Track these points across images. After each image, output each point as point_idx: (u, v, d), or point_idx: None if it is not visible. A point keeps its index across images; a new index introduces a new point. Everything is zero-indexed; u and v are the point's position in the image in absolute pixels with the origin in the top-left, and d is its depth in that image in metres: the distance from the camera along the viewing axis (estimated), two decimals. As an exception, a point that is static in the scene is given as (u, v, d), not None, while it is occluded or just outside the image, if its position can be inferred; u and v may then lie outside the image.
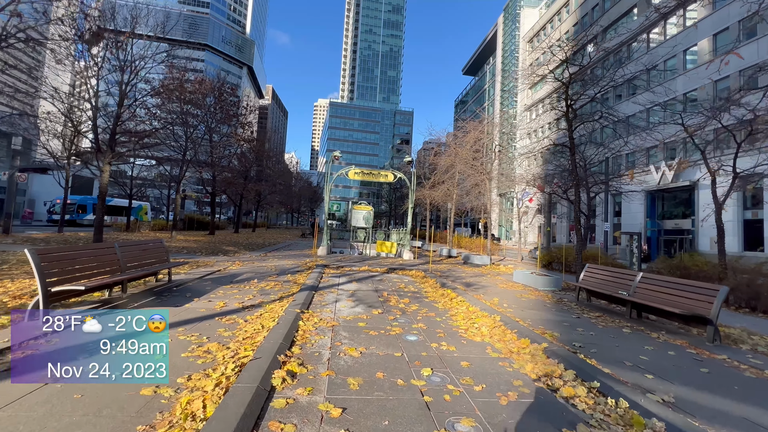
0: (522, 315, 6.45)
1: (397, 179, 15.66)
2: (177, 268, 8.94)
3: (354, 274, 10.37)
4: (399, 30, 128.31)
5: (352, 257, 15.05)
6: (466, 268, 13.66)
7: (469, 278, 10.82)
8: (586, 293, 8.12)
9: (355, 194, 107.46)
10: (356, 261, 13.51)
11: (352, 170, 15.61)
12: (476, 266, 14.41)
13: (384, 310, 6.11)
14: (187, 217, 34.86)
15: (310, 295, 6.69)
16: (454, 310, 6.40)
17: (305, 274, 9.38)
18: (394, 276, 10.51)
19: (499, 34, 69.81)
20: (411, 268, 11.82)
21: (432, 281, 9.46)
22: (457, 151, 17.39)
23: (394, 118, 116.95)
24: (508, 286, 9.84)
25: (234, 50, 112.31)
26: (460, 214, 43.72)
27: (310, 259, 12.99)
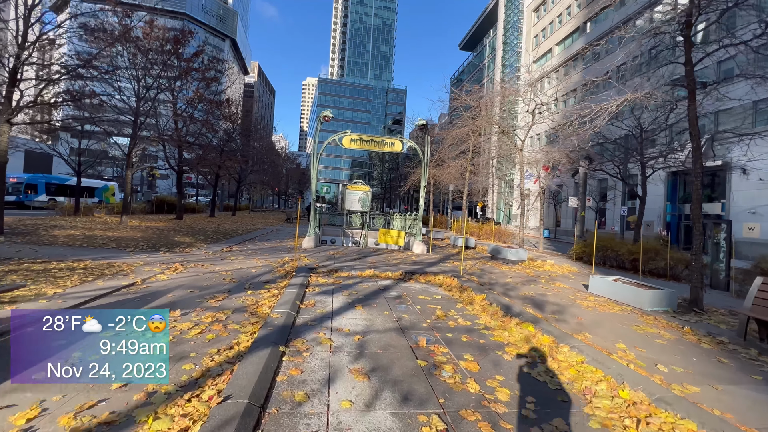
0: (718, 399, 2.95)
1: (407, 148, 11.94)
2: (44, 284, 5.20)
3: (355, 284, 6.75)
4: (392, 2, 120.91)
5: (347, 251, 11.43)
6: (504, 268, 10.17)
7: (526, 289, 7.33)
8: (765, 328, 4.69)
9: (345, 176, 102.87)
10: (354, 258, 9.89)
11: (348, 136, 11.77)
12: (512, 263, 10.96)
13: (446, 416, 2.53)
14: (157, 199, 30.54)
15: (272, 358, 3.08)
16: (580, 386, 2.88)
17: (276, 290, 5.73)
18: (416, 287, 6.92)
19: (501, 5, 64.93)
20: (434, 270, 8.29)
21: (480, 299, 5.92)
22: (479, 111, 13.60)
23: (386, 96, 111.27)
24: (593, 303, 6.39)
25: (216, 21, 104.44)
26: (457, 196, 40.34)
27: (290, 255, 9.32)
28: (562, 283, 8.32)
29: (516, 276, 8.87)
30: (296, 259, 8.83)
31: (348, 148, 13.24)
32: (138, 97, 16.63)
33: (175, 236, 12.13)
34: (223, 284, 6.01)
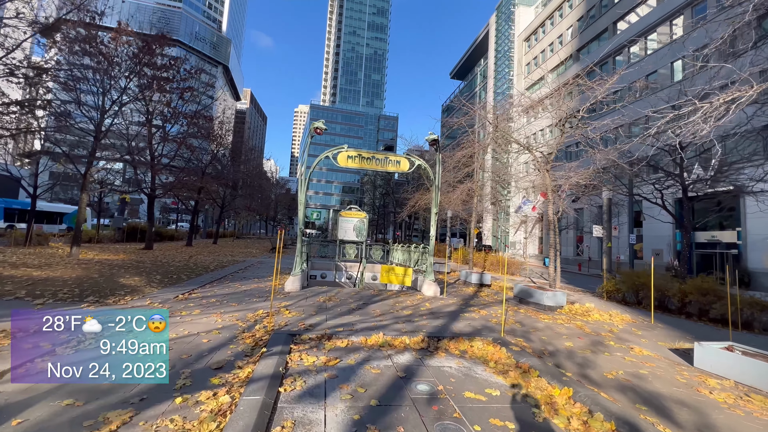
0: None
1: (415, 168, 9.87)
2: None
3: (359, 367, 4.37)
4: (383, 33, 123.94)
5: (342, 294, 9.04)
6: (545, 317, 7.88)
7: (604, 363, 5.05)
8: None
9: (336, 201, 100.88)
10: (352, 307, 7.50)
11: (345, 152, 9.66)
12: (550, 310, 8.69)
13: None
14: (130, 226, 27.74)
15: None
16: None
17: (229, 393, 3.32)
18: (452, 368, 4.55)
19: (491, 35, 66.25)
20: (462, 327, 5.98)
21: (564, 397, 3.62)
22: (495, 124, 11.72)
23: (378, 122, 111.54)
24: (731, 398, 4.13)
25: (209, 48, 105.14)
26: (455, 223, 38.43)
27: (265, 307, 6.90)
28: (639, 346, 6.06)
29: (571, 334, 6.60)
30: (274, 312, 6.42)
31: (341, 171, 11.27)
32: (101, 110, 14.44)
33: (122, 276, 9.57)
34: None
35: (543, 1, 54.15)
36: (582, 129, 10.02)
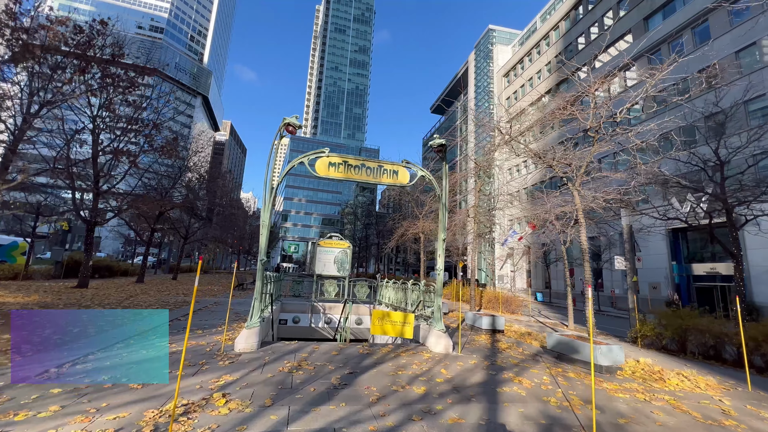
0: None
1: (417, 179, 7.57)
2: None
3: None
4: (365, 69, 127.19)
5: (317, 356, 6.28)
6: (615, 390, 5.38)
7: None
8: None
9: (315, 234, 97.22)
10: (334, 382, 4.77)
11: (326, 158, 7.30)
12: (607, 372, 6.22)
13: None
14: (71, 259, 23.87)
15: None
16: None
17: None
18: None
19: (471, 71, 68.06)
20: (510, 419, 3.44)
21: None
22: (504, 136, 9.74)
23: (359, 155, 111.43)
24: None
25: (189, 78, 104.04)
26: (430, 257, 36.19)
27: (190, 388, 4.12)
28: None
29: (686, 428, 4.11)
30: (199, 404, 3.66)
31: (321, 202, 8.92)
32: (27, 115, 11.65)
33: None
34: None
35: (520, 41, 56.25)
36: (622, 135, 8.18)
